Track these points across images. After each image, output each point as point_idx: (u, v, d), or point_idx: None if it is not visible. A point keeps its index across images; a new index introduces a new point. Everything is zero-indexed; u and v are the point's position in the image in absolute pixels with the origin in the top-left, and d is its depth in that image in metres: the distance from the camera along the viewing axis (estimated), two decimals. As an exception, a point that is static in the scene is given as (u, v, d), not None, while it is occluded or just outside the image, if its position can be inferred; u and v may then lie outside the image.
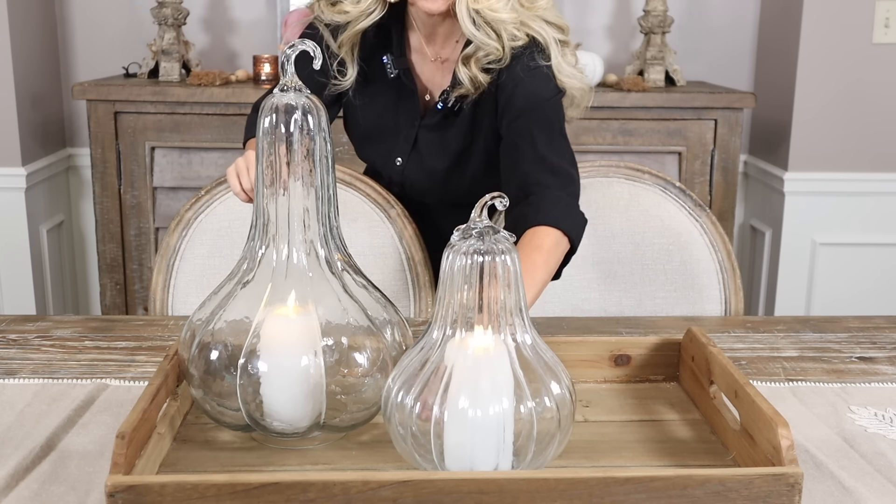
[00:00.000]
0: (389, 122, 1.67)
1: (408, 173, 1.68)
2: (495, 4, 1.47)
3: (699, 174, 2.62)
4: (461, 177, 1.65)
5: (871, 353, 1.36)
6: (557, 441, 0.92)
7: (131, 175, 2.57)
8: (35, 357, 1.30)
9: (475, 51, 1.52)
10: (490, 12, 1.46)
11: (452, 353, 0.91)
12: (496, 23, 1.48)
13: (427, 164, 1.66)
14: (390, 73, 1.62)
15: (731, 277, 1.69)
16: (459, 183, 1.66)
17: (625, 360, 1.20)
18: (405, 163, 1.68)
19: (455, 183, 1.66)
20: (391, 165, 1.69)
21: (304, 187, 1.00)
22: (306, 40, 1.03)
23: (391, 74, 1.62)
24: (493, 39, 1.49)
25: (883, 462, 1.02)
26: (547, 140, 1.52)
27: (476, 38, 1.49)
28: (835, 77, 2.68)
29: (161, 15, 2.61)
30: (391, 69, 1.62)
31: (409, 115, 1.65)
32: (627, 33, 2.92)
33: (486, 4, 1.46)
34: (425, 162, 1.66)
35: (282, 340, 0.99)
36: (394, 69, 1.62)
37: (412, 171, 1.68)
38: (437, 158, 1.65)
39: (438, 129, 1.64)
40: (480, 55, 1.52)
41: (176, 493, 0.82)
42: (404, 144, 1.67)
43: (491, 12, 1.46)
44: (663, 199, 1.73)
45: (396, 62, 1.61)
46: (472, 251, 0.89)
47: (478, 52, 1.52)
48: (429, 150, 1.66)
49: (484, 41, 1.49)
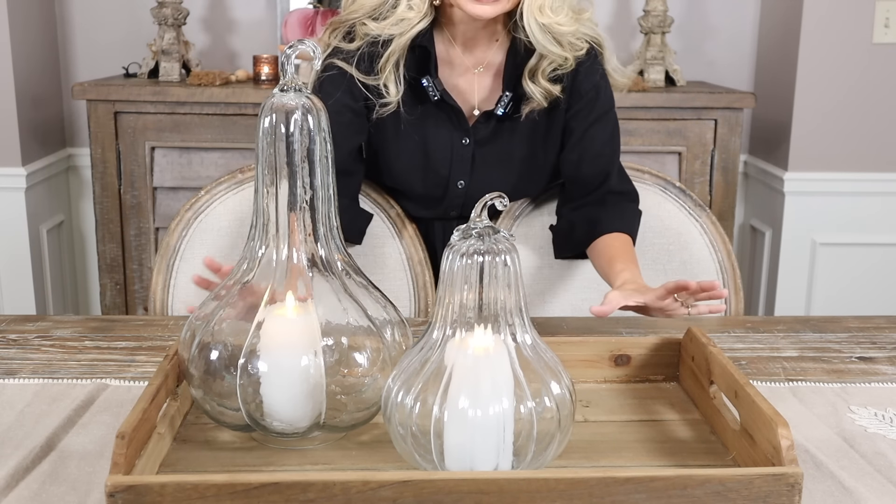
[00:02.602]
0: (437, 144, 1.61)
1: (472, 194, 1.62)
2: (562, 19, 1.49)
3: (699, 174, 2.62)
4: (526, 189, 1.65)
5: (871, 353, 1.36)
6: (557, 441, 0.92)
7: (131, 175, 2.57)
8: (35, 357, 1.30)
9: (538, 61, 1.53)
10: (557, 26, 1.49)
11: (452, 353, 0.91)
12: (560, 35, 1.51)
13: (493, 181, 1.59)
14: (433, 95, 1.57)
15: (731, 277, 1.69)
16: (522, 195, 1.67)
17: (625, 360, 1.20)
18: (468, 184, 1.62)
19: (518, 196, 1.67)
20: (452, 189, 1.63)
21: (304, 187, 1.00)
22: (306, 40, 1.02)
23: (434, 97, 1.57)
24: (559, 49, 1.52)
25: (883, 462, 1.02)
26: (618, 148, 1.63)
27: (546, 50, 1.51)
28: (835, 77, 2.68)
29: (161, 15, 2.61)
30: (433, 91, 1.57)
31: (459, 135, 1.60)
32: (627, 33, 2.92)
33: (554, 19, 1.49)
34: (491, 179, 1.61)
35: (282, 340, 0.99)
36: (436, 91, 1.57)
37: (477, 191, 1.60)
38: (502, 173, 1.61)
39: (495, 140, 1.60)
40: (545, 65, 1.53)
41: (176, 493, 0.82)
42: (462, 165, 1.61)
43: (557, 26, 1.49)
44: (663, 199, 1.73)
45: (437, 83, 1.57)
46: (472, 251, 0.89)
47: (541, 62, 1.53)
48: (492, 166, 1.61)
49: (554, 52, 1.51)
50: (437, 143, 1.61)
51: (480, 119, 1.60)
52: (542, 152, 1.62)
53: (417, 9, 1.51)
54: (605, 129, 1.60)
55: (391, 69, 1.54)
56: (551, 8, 1.49)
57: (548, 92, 1.55)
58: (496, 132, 1.60)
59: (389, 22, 1.51)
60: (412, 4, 1.51)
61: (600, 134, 1.59)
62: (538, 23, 1.48)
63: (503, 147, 1.61)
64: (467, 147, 1.61)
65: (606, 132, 1.60)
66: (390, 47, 1.52)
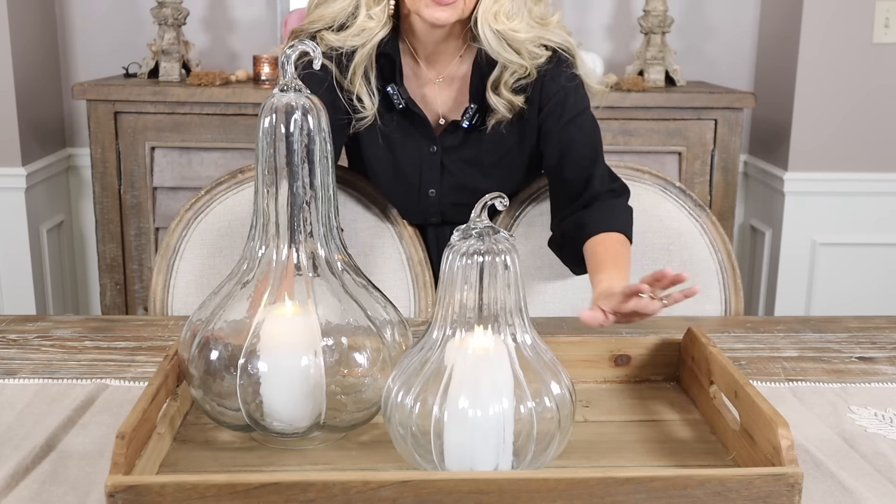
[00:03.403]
0: (407, 153, 1.61)
1: (444, 203, 1.63)
2: (518, 25, 1.47)
3: (699, 174, 2.62)
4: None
5: (871, 353, 1.36)
6: (557, 441, 0.92)
7: (131, 175, 2.57)
8: (35, 357, 1.30)
9: (500, 73, 1.52)
10: (511, 33, 1.47)
11: (452, 353, 0.91)
12: (516, 42, 1.49)
13: (463, 187, 1.60)
14: (398, 103, 1.57)
15: (731, 277, 1.69)
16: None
17: (625, 360, 1.20)
18: (440, 192, 1.63)
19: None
20: (425, 199, 1.64)
21: (304, 187, 1.00)
22: (306, 40, 1.02)
23: (399, 105, 1.57)
24: (516, 57, 1.50)
25: (883, 462, 1.02)
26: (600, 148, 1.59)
27: (501, 58, 1.49)
28: (835, 77, 2.68)
29: (161, 15, 2.61)
30: (398, 100, 1.57)
31: (427, 143, 1.60)
32: (627, 33, 2.92)
33: (508, 26, 1.47)
34: (461, 185, 1.61)
35: (282, 340, 0.99)
36: (401, 99, 1.57)
37: (449, 199, 1.63)
38: (473, 178, 1.61)
39: (463, 148, 1.60)
40: (507, 76, 1.52)
41: (176, 493, 0.82)
42: (431, 173, 1.62)
43: (512, 32, 1.47)
44: (663, 199, 1.73)
45: (402, 91, 1.57)
46: (472, 251, 0.90)
47: (503, 73, 1.52)
48: (461, 172, 1.61)
49: (510, 59, 1.49)
50: (405, 151, 1.61)
51: (448, 128, 1.60)
52: (515, 156, 1.62)
53: (377, 18, 1.50)
54: (582, 130, 1.57)
55: (361, 81, 1.54)
56: (507, 14, 1.47)
57: (511, 104, 1.54)
58: (464, 141, 1.60)
59: (350, 33, 1.51)
60: (371, 14, 1.50)
61: (577, 135, 1.56)
62: (493, 30, 1.46)
63: (472, 154, 1.61)
64: (435, 155, 1.61)
65: (584, 133, 1.57)
66: (355, 59, 1.52)
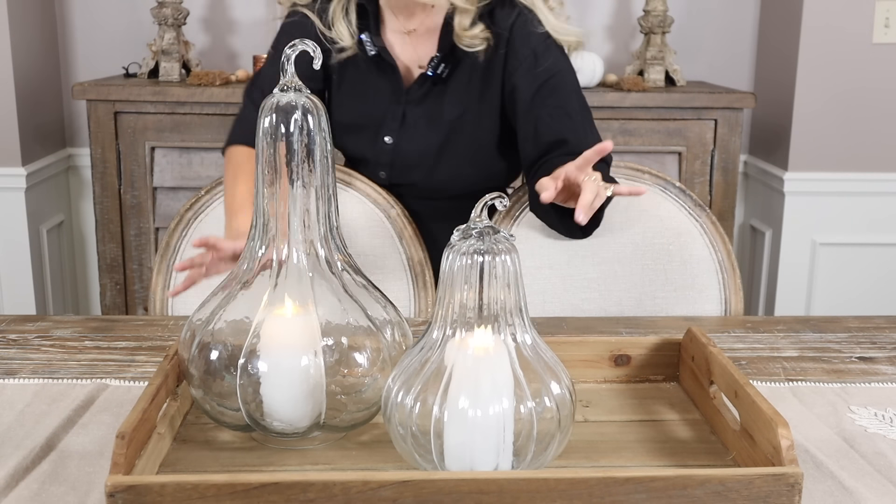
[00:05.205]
0: (374, 102, 1.67)
1: (398, 151, 1.68)
2: None
3: (699, 174, 2.62)
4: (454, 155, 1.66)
5: (871, 353, 1.36)
6: (557, 441, 0.92)
7: (131, 175, 2.57)
8: (35, 357, 1.30)
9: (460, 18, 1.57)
10: None
11: (452, 353, 0.91)
12: None
13: (419, 139, 1.66)
14: (370, 50, 1.64)
15: (731, 277, 1.69)
16: (449, 163, 1.67)
17: (625, 360, 1.20)
18: (396, 140, 1.67)
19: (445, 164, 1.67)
20: (380, 145, 1.69)
21: (304, 187, 1.00)
22: (306, 40, 1.02)
23: (371, 52, 1.64)
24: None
25: (883, 462, 1.02)
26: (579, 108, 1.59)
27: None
28: (835, 77, 2.68)
29: (161, 15, 2.61)
30: (371, 47, 1.64)
31: (393, 93, 1.66)
32: (627, 33, 2.92)
33: None
34: (417, 137, 1.66)
35: (282, 340, 0.99)
36: (373, 47, 1.64)
37: (403, 149, 1.67)
38: (429, 132, 1.65)
39: (427, 101, 1.65)
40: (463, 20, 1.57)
41: (176, 493, 0.82)
42: (392, 122, 1.67)
43: None
44: (663, 199, 1.73)
45: (374, 39, 1.64)
46: (472, 251, 0.89)
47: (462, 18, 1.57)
48: (420, 125, 1.66)
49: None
50: (370, 96, 1.67)
51: (417, 81, 1.65)
52: (473, 115, 1.64)
53: None
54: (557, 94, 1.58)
55: (342, 17, 1.63)
56: None
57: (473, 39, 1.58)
58: (429, 93, 1.65)
59: None
60: None
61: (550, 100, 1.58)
62: None
63: (434, 107, 1.65)
64: (398, 105, 1.66)
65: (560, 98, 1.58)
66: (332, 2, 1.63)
